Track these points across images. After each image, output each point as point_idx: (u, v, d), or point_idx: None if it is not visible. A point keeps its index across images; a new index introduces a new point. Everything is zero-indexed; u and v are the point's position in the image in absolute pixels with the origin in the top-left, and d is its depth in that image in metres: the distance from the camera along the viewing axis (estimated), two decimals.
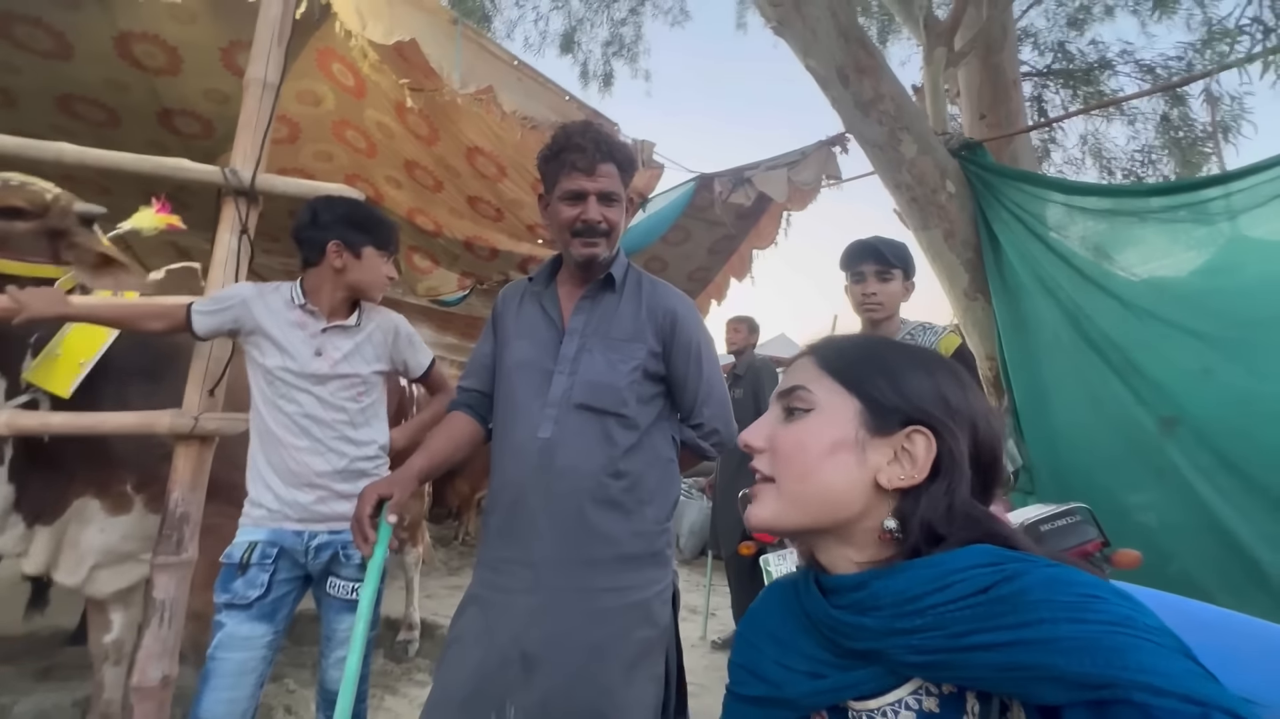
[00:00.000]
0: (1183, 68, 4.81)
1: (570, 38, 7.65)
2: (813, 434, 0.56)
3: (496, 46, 2.45)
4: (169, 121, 2.74)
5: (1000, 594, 0.46)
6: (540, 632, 1.05)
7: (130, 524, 1.64)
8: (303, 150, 3.03)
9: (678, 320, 1.19)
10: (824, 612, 0.55)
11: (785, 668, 0.58)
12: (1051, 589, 0.45)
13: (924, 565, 0.51)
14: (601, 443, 1.12)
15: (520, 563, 1.10)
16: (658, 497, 1.16)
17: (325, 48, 2.45)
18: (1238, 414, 2.29)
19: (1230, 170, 2.57)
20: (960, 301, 3.28)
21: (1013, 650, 0.43)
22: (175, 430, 1.46)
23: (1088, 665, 0.40)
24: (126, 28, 2.27)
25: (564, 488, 1.10)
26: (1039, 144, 5.55)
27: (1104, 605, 0.43)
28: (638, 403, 1.15)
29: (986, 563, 0.49)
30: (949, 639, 0.46)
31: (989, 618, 0.45)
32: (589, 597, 1.07)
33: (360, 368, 1.44)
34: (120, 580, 1.65)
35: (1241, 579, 2.21)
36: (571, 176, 1.15)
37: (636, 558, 1.12)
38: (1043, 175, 3.92)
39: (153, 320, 1.45)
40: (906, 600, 0.49)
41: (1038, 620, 0.43)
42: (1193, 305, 2.49)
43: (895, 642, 0.49)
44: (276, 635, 1.33)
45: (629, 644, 1.06)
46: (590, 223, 1.15)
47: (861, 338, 0.64)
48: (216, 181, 1.57)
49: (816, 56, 3.18)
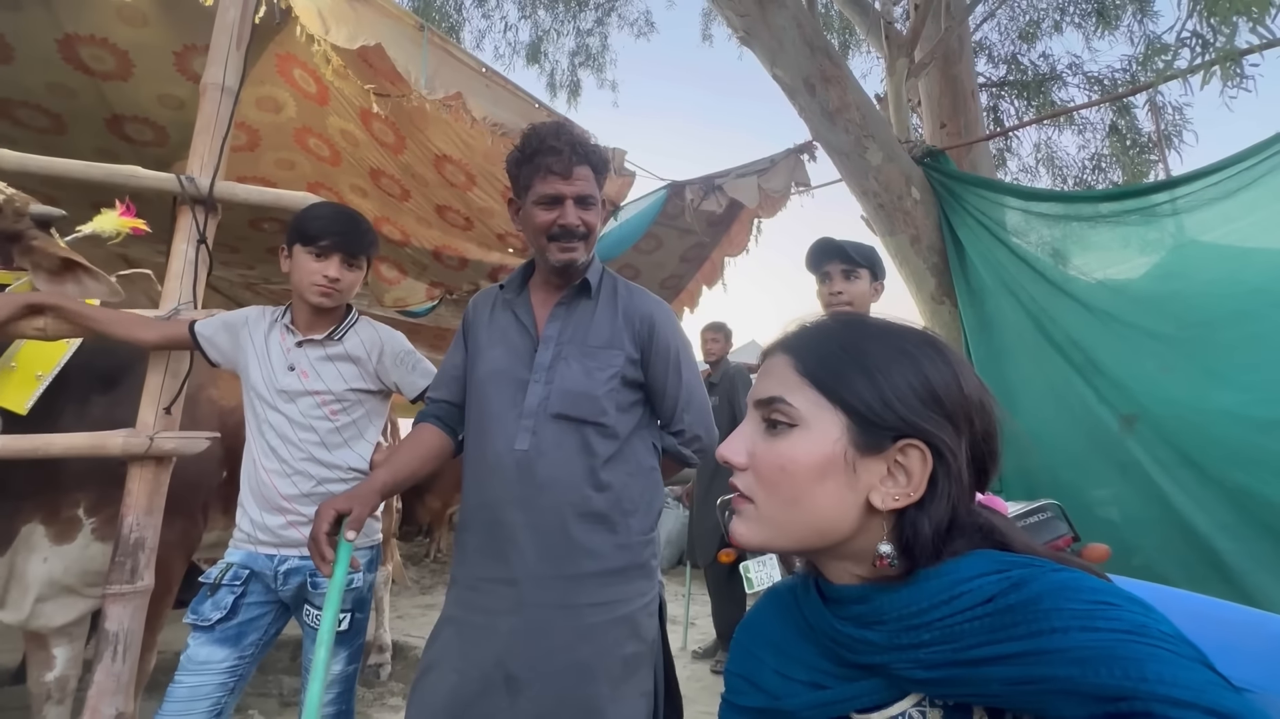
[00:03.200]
0: (1127, 79, 5.05)
1: (537, 48, 7.64)
2: (798, 456, 0.51)
3: (463, 52, 2.41)
4: (119, 128, 2.62)
5: (1009, 603, 0.44)
6: (525, 652, 1.01)
7: (72, 555, 1.53)
8: (263, 158, 2.93)
9: (655, 326, 1.17)
10: (827, 622, 0.53)
11: (785, 677, 0.56)
12: (1062, 596, 0.43)
13: (929, 578, 0.48)
14: (581, 453, 1.09)
15: (501, 581, 1.06)
16: (641, 507, 1.13)
17: (286, 53, 2.39)
18: (1194, 411, 2.38)
19: (1176, 176, 2.69)
20: (927, 305, 3.35)
21: (1024, 662, 0.41)
22: (128, 451, 1.38)
23: (1104, 676, 0.38)
24: (72, 30, 2.16)
25: (545, 502, 1.06)
26: (996, 152, 5.74)
27: (1117, 612, 0.41)
28: (617, 411, 1.12)
29: (991, 570, 0.46)
30: (957, 653, 0.44)
31: (998, 629, 0.43)
32: (574, 613, 1.04)
33: (334, 384, 1.36)
34: (65, 614, 1.55)
35: (1202, 568, 2.29)
36: (547, 180, 1.11)
37: (622, 571, 1.09)
38: (1001, 182, 4.06)
39: (144, 331, 1.40)
40: (912, 614, 0.47)
41: (1049, 629, 0.41)
42: (1148, 307, 2.59)
43: (901, 656, 0.47)
44: (241, 662, 1.25)
45: (617, 660, 1.03)
46: (568, 227, 1.11)
47: (836, 325, 0.57)
48: (173, 189, 1.50)
49: (783, 66, 3.23)
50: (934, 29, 3.86)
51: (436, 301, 4.10)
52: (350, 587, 1.27)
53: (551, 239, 1.13)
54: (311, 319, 1.39)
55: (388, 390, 1.46)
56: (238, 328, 1.41)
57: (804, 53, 3.18)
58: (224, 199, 1.56)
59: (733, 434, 0.57)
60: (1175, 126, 4.89)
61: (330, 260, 1.33)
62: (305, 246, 1.33)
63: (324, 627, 0.93)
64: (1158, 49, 2.82)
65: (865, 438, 0.50)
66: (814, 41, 3.21)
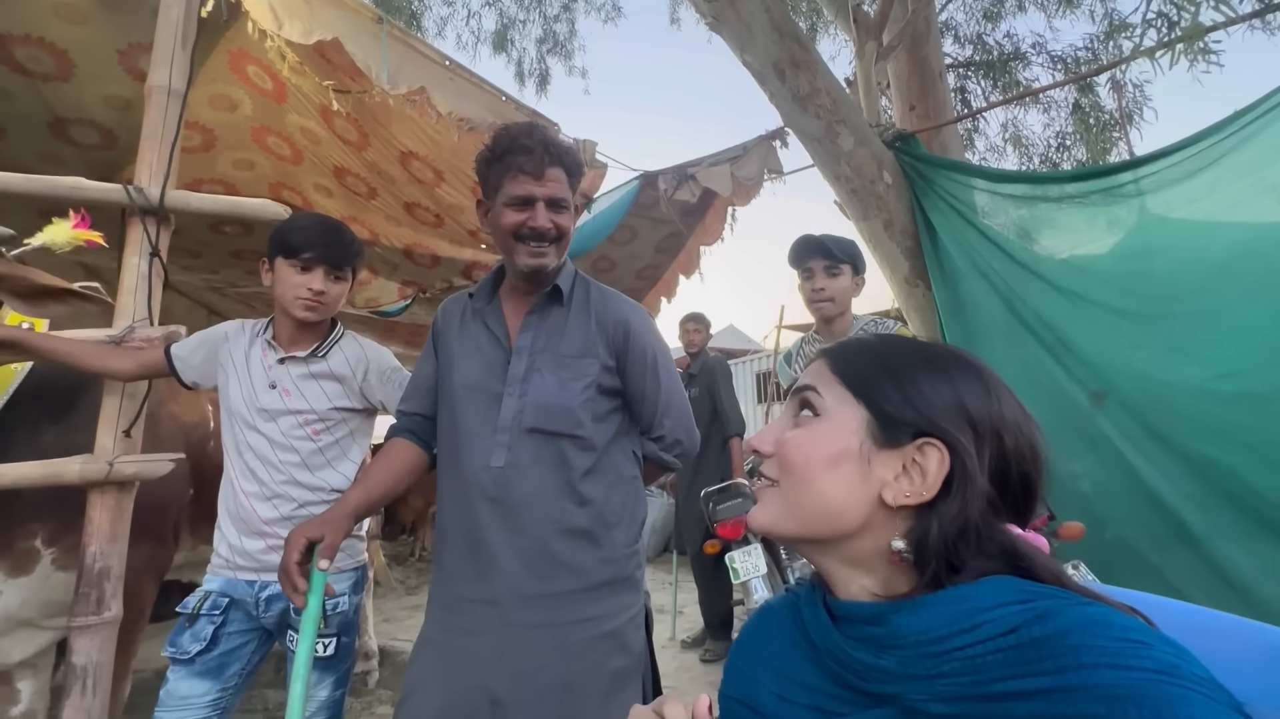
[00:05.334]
0: (1089, 58, 5.11)
1: (503, 36, 7.47)
2: (816, 442, 0.54)
3: (426, 46, 2.34)
4: (63, 132, 2.49)
5: (1033, 636, 0.42)
6: (508, 673, 0.99)
7: (30, 587, 1.46)
8: (220, 159, 2.82)
9: (631, 332, 1.14)
10: (835, 645, 0.50)
11: (785, 701, 0.54)
12: (1091, 632, 0.41)
13: (949, 601, 0.47)
14: (558, 468, 1.06)
15: (482, 601, 1.04)
16: (624, 519, 1.11)
17: (238, 49, 2.28)
18: (1160, 386, 2.44)
19: (1139, 156, 2.73)
20: (902, 289, 3.38)
21: (1050, 699, 0.39)
22: (86, 478, 1.32)
23: (1133, 716, 0.36)
24: (5, 29, 2.04)
25: (524, 519, 1.04)
26: (964, 133, 5.79)
27: (1149, 651, 0.40)
28: (593, 422, 1.09)
29: (1015, 600, 0.45)
30: (977, 686, 0.42)
31: (1023, 663, 0.41)
32: (558, 632, 1.02)
33: (318, 403, 1.31)
34: (24, 648, 1.48)
35: (1170, 538, 2.36)
36: (517, 181, 1.07)
37: (607, 584, 1.07)
38: (969, 164, 4.10)
39: (119, 361, 1.33)
40: (930, 641, 0.45)
41: (1078, 666, 0.39)
42: (1114, 285, 2.64)
43: (916, 687, 0.45)
44: (224, 694, 1.21)
45: (604, 677, 1.02)
46: (539, 230, 1.08)
47: (875, 339, 0.61)
48: (120, 201, 1.43)
49: (752, 52, 3.20)
50: (900, 11, 3.85)
51: (409, 300, 4.02)
52: (335, 611, 1.23)
53: (520, 240, 1.09)
54: (295, 334, 1.34)
55: (373, 408, 1.41)
56: (216, 344, 1.35)
57: (773, 38, 3.15)
58: (177, 209, 1.48)
59: (766, 426, 0.60)
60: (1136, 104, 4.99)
61: (314, 273, 1.29)
62: (288, 259, 1.29)
63: (299, 660, 0.90)
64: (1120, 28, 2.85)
65: (883, 432, 0.52)
66: (783, 27, 3.18)
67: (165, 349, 1.36)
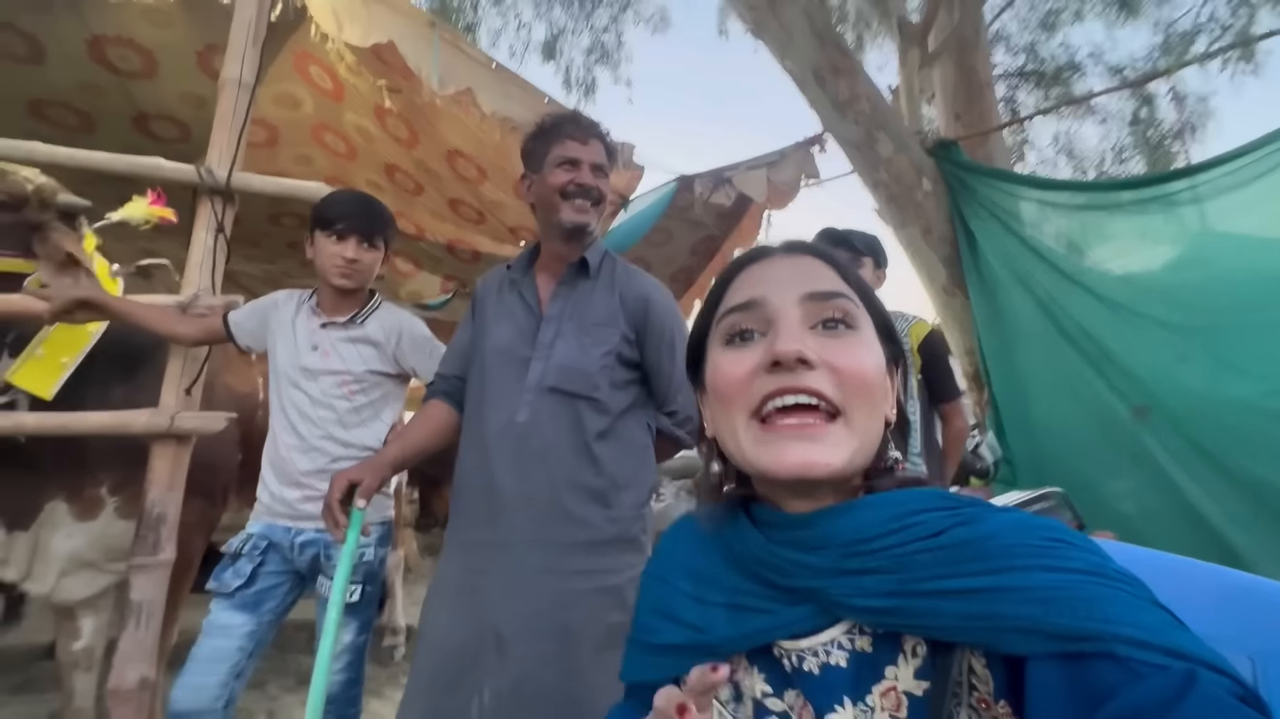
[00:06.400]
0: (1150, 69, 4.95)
1: (553, 45, 7.69)
2: (872, 359, 0.49)
3: (474, 49, 2.46)
4: (145, 126, 2.71)
5: (962, 538, 0.42)
6: (512, 612, 1.06)
7: (95, 531, 1.60)
8: (282, 154, 3.01)
9: (650, 306, 1.20)
10: (760, 546, 0.49)
11: (702, 603, 0.52)
12: (1018, 533, 0.42)
13: (877, 505, 0.47)
14: (574, 428, 1.13)
15: (493, 544, 1.10)
16: (634, 483, 1.17)
17: (302, 51, 2.45)
18: (1208, 402, 2.34)
19: (1195, 163, 2.64)
20: (939, 297, 3.34)
21: (984, 598, 0.39)
22: (151, 430, 1.45)
23: (1066, 617, 0.37)
24: (100, 31, 2.25)
25: (540, 472, 1.10)
26: (1014, 144, 5.66)
27: (1074, 551, 0.41)
28: (610, 387, 1.16)
29: (941, 506, 0.45)
30: (905, 584, 0.42)
31: (954, 563, 0.41)
32: (560, 579, 1.08)
33: (354, 365, 1.42)
34: (88, 588, 1.62)
35: (1215, 558, 2.25)
36: (566, 145, 1.18)
37: (612, 542, 1.12)
38: (1014, 173, 4.01)
39: (184, 326, 1.48)
40: (860, 540, 0.45)
41: (1009, 568, 0.40)
42: (1161, 296, 2.55)
43: (843, 583, 0.45)
44: (259, 628, 1.31)
45: (601, 628, 1.07)
46: (584, 185, 1.17)
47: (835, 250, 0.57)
48: (192, 180, 1.57)
49: (793, 58, 3.23)
50: (947, 18, 3.83)
51: (451, 295, 4.17)
52: (362, 559, 1.32)
53: (566, 197, 1.18)
54: (335, 302, 1.44)
55: (405, 374, 1.51)
56: (267, 311, 1.48)
57: (813, 44, 3.17)
58: (241, 189, 1.62)
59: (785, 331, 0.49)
60: (1199, 116, 4.79)
61: (347, 242, 1.39)
62: (324, 231, 1.40)
63: (336, 587, 0.98)
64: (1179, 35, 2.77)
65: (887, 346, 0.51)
66: (824, 33, 3.20)
67: (223, 317, 1.48)
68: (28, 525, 1.55)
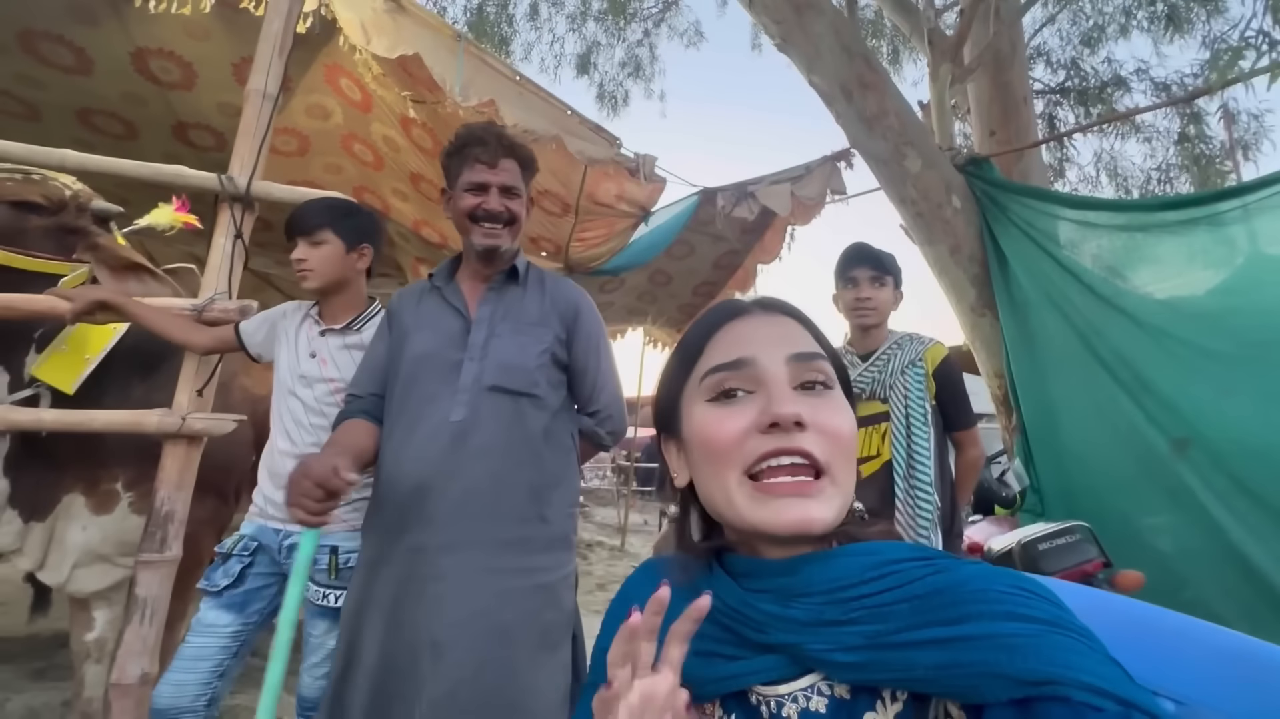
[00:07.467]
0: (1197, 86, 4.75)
1: (586, 59, 7.79)
2: (849, 416, 0.51)
3: (499, 61, 2.49)
4: (184, 134, 2.82)
5: (935, 585, 0.44)
6: (448, 616, 1.04)
7: (110, 525, 1.64)
8: (313, 163, 3.10)
9: (580, 311, 1.26)
10: (736, 598, 0.49)
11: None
12: (986, 579, 0.44)
13: (858, 553, 0.48)
14: (516, 424, 1.14)
15: (424, 549, 1.08)
16: (564, 482, 1.19)
17: (333, 63, 2.52)
18: (1254, 436, 2.21)
19: (1246, 182, 2.50)
20: (967, 317, 3.24)
21: (953, 648, 0.41)
22: (162, 429, 1.48)
23: (1032, 662, 0.38)
24: (143, 43, 2.35)
25: (477, 469, 1.10)
26: (1053, 162, 5.49)
27: (1038, 602, 0.42)
28: (548, 385, 1.19)
29: (917, 557, 0.47)
30: (883, 635, 0.43)
31: (928, 611, 0.43)
32: (498, 577, 1.08)
33: (349, 372, 1.42)
34: (100, 580, 1.66)
35: (1260, 606, 2.12)
36: (474, 169, 1.20)
37: (547, 540, 1.13)
38: (1050, 190, 3.88)
39: (199, 335, 1.51)
40: (841, 588, 0.46)
41: (978, 614, 0.41)
42: (1206, 323, 2.42)
43: (821, 634, 0.45)
44: (245, 628, 1.32)
45: (536, 627, 1.07)
46: (491, 212, 1.20)
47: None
48: (213, 188, 1.61)
49: (820, 73, 3.19)
50: (982, 32, 3.74)
51: None
52: (345, 565, 1.32)
53: (475, 221, 1.21)
54: (333, 309, 1.46)
55: None
56: (275, 320, 1.51)
57: (841, 59, 3.13)
58: (260, 197, 1.66)
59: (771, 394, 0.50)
60: (1254, 135, 4.58)
61: (295, 245, 1.42)
62: (291, 239, 1.44)
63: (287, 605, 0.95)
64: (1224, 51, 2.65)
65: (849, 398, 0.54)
66: (852, 47, 3.16)
67: (235, 326, 1.51)
68: (45, 516, 1.60)
